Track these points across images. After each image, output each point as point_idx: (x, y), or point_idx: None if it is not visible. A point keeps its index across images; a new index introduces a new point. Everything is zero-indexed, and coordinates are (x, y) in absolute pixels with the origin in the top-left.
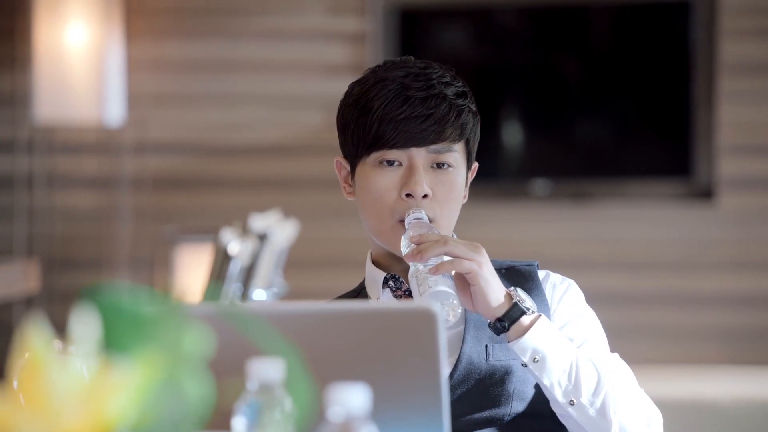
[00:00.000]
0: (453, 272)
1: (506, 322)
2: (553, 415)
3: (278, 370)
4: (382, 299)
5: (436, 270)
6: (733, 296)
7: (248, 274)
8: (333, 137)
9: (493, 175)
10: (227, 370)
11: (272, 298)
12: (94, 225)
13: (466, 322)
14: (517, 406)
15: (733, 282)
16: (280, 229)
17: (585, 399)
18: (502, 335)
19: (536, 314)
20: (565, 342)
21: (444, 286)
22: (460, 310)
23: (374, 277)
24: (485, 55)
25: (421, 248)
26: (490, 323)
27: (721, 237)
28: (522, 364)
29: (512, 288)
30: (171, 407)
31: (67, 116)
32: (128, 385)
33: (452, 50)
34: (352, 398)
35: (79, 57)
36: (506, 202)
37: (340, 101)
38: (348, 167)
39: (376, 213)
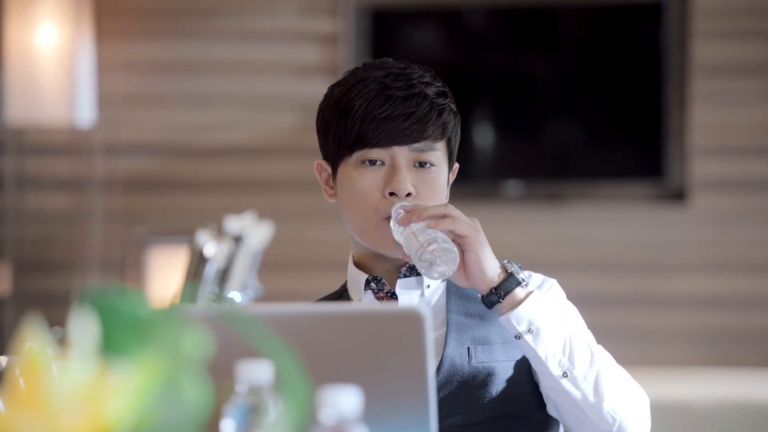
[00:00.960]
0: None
1: (501, 292)
2: (537, 416)
3: (267, 372)
4: (363, 301)
5: (435, 225)
6: (706, 298)
7: (223, 276)
8: (306, 138)
9: (465, 177)
10: (223, 372)
11: (247, 301)
12: (65, 227)
13: (447, 325)
14: (501, 407)
15: (706, 283)
16: (255, 231)
17: (579, 372)
18: (484, 336)
19: (530, 289)
20: (560, 315)
21: (446, 235)
22: (458, 261)
23: (356, 278)
24: (457, 56)
25: (419, 210)
26: (483, 296)
27: (693, 238)
28: (516, 337)
29: (506, 261)
30: (170, 410)
31: (38, 117)
32: (127, 388)
33: (425, 51)
34: (343, 400)
35: (49, 58)
36: (478, 204)
37: (320, 104)
38: (329, 169)
39: (360, 212)
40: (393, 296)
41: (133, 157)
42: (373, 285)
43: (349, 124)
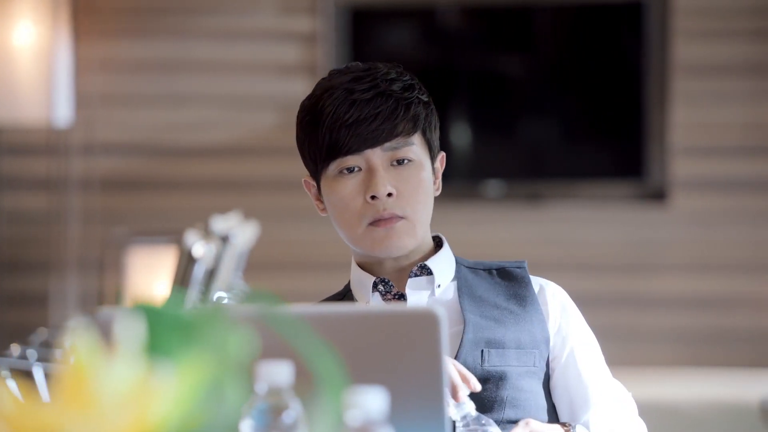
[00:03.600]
0: None
1: None
2: (545, 422)
3: (287, 372)
4: (372, 303)
5: None
6: (687, 298)
7: (210, 277)
8: (285, 138)
9: (444, 177)
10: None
11: (233, 301)
12: (43, 227)
13: (465, 323)
14: (510, 412)
15: (687, 283)
16: (241, 231)
17: None
18: (499, 340)
19: None
20: None
21: None
22: None
23: (362, 280)
24: (437, 54)
25: None
26: None
27: (674, 238)
28: None
29: (572, 428)
30: (214, 412)
31: (15, 117)
32: (172, 390)
33: (404, 50)
34: (369, 401)
35: (26, 57)
36: (459, 204)
37: (296, 121)
38: (315, 184)
39: (346, 221)
40: (401, 298)
41: (111, 156)
42: (380, 287)
43: (320, 135)
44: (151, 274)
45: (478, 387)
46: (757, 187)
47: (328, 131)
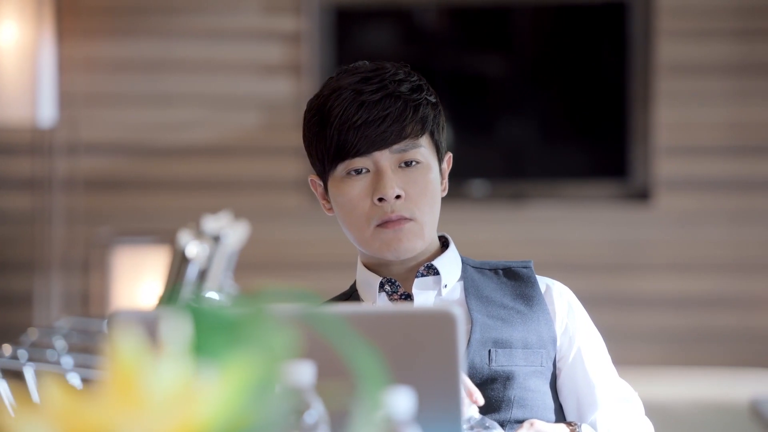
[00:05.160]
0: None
1: None
2: (552, 422)
3: (308, 372)
4: (378, 303)
5: None
6: (670, 297)
7: (201, 277)
8: (269, 137)
9: None
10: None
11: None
12: (27, 227)
13: (472, 323)
14: (518, 412)
15: (670, 283)
16: (232, 231)
17: None
18: (506, 339)
19: None
20: None
21: None
22: None
23: (368, 281)
24: (422, 54)
25: None
26: None
27: (658, 238)
28: None
29: (577, 427)
30: (261, 412)
31: None
32: (218, 391)
33: (389, 50)
34: (397, 401)
35: (10, 57)
36: (443, 204)
37: (303, 120)
38: (321, 184)
39: (354, 223)
40: (408, 299)
41: (95, 156)
42: (387, 287)
43: (328, 136)
44: (135, 274)
45: (481, 401)
46: (740, 186)
47: (336, 132)
